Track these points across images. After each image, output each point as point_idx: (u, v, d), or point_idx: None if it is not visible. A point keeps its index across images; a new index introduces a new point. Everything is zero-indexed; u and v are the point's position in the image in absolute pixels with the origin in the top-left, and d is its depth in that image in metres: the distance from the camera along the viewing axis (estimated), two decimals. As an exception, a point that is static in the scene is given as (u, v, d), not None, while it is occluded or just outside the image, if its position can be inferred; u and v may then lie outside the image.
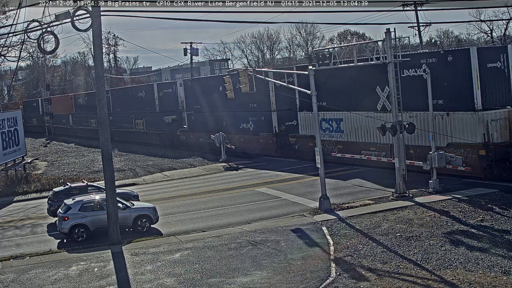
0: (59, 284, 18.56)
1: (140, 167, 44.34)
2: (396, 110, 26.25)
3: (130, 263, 20.12)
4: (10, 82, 67.25)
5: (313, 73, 26.24)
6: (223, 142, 43.35)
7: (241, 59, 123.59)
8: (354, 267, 17.88)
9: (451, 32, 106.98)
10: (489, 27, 74.21)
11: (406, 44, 51.67)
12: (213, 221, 25.66)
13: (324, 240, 21.03)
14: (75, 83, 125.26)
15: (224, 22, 73.09)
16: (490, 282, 15.52)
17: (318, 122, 26.42)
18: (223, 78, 38.02)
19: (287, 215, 25.34)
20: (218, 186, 34.27)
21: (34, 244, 24.51)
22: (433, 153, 26.56)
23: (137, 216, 24.88)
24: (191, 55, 76.32)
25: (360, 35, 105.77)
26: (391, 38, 25.95)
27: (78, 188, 28.58)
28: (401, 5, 54.19)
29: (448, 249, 18.56)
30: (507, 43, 59.29)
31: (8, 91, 70.90)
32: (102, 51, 23.52)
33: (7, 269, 20.53)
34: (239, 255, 19.94)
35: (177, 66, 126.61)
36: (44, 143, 73.01)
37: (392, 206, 24.76)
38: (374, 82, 32.45)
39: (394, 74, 26.17)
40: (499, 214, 21.96)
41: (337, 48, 31.55)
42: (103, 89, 23.38)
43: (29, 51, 49.40)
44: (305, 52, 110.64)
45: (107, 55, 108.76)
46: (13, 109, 51.01)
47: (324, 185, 25.52)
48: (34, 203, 33.73)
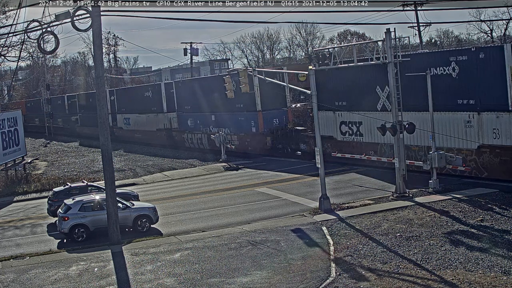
0: (59, 284, 18.56)
1: (140, 167, 44.36)
2: (396, 110, 26.25)
3: (130, 263, 20.12)
4: (10, 82, 67.16)
5: (313, 73, 26.27)
6: (223, 142, 43.36)
7: (241, 59, 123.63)
8: (354, 267, 17.88)
9: (451, 32, 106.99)
10: (489, 27, 74.30)
11: (406, 44, 51.79)
12: (213, 221, 25.66)
13: (324, 240, 21.03)
14: (75, 83, 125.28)
15: (224, 22, 73.16)
16: (490, 282, 15.51)
17: (318, 122, 26.39)
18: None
19: (287, 215, 25.34)
20: (218, 186, 34.28)
21: (34, 244, 24.51)
22: (433, 153, 26.57)
23: (137, 216, 24.89)
24: (191, 55, 76.36)
25: (360, 35, 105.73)
26: (391, 38, 25.96)
27: (78, 188, 28.58)
28: (401, 5, 54.18)
29: (448, 249, 18.56)
30: (507, 43, 59.26)
31: (8, 91, 70.81)
32: (102, 51, 23.52)
33: (7, 269, 20.53)
34: (239, 255, 19.94)
35: (177, 66, 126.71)
36: (44, 143, 73.07)
37: (392, 206, 24.76)
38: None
39: (394, 74, 26.17)
40: (499, 214, 21.96)
41: (337, 48, 31.55)
42: (103, 89, 23.38)
43: (29, 51, 49.38)
44: (305, 52, 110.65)
45: (107, 55, 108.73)
46: (14, 109, 50.94)
47: (324, 185, 25.52)
48: (34, 203, 33.74)
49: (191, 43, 75.89)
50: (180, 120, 54.29)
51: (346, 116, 35.43)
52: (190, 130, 52.15)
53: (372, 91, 32.83)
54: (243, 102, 43.60)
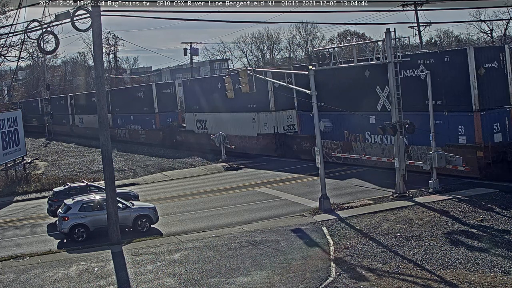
0: (59, 284, 18.56)
1: (140, 167, 44.36)
2: (396, 110, 26.25)
3: (130, 263, 20.12)
4: (10, 82, 67.24)
5: (313, 73, 26.26)
6: (223, 142, 43.37)
7: (241, 59, 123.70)
8: (354, 267, 17.88)
9: (451, 32, 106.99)
10: (489, 27, 74.20)
11: (406, 44, 51.76)
12: (213, 221, 25.66)
13: (324, 240, 21.03)
14: (75, 83, 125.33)
15: (224, 22, 72.86)
16: (490, 282, 15.52)
17: (318, 122, 26.39)
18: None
19: (287, 215, 25.34)
20: (218, 186, 34.28)
21: (34, 244, 24.51)
22: (433, 153, 26.57)
23: (137, 216, 24.89)
24: (191, 55, 76.35)
25: (360, 35, 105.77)
26: (391, 38, 25.95)
27: (78, 188, 28.58)
28: (401, 5, 54.16)
29: (448, 249, 18.56)
30: (507, 43, 59.30)
31: (8, 91, 70.86)
32: (102, 51, 23.52)
33: (7, 269, 20.53)
34: (239, 255, 19.94)
35: (177, 66, 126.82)
36: (44, 143, 73.08)
37: (392, 206, 24.76)
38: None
39: (394, 74, 26.18)
40: (499, 214, 21.95)
41: (337, 48, 31.53)
42: (103, 89, 23.38)
43: (29, 51, 49.37)
44: (305, 52, 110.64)
45: (107, 55, 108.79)
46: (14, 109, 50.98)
47: (324, 185, 25.52)
48: (34, 203, 33.73)
49: (191, 43, 75.90)
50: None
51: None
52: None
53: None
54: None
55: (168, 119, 53.78)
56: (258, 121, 43.43)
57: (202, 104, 49.48)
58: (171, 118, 54.08)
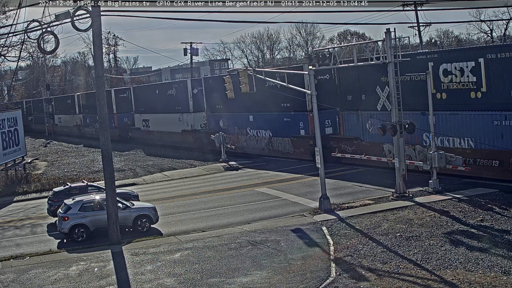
0: (59, 284, 18.56)
1: (140, 167, 44.37)
2: (396, 110, 26.25)
3: (130, 263, 20.12)
4: (10, 82, 67.25)
5: (313, 73, 26.27)
6: (223, 142, 43.39)
7: (241, 59, 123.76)
8: (354, 267, 17.88)
9: (451, 32, 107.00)
10: (489, 27, 74.34)
11: (406, 44, 51.75)
12: (213, 221, 25.67)
13: (324, 240, 21.03)
14: (75, 83, 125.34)
15: (224, 22, 73.15)
16: (490, 282, 15.52)
17: (318, 122, 26.37)
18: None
19: (287, 215, 25.34)
20: (218, 186, 34.28)
21: (34, 244, 24.51)
22: (433, 153, 26.57)
23: (137, 216, 24.88)
24: (191, 55, 76.39)
25: (360, 35, 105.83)
26: (391, 38, 25.95)
27: (78, 188, 28.57)
28: (401, 5, 54.24)
29: (448, 249, 18.56)
30: (506, 42, 59.26)
31: (8, 91, 70.86)
32: (102, 51, 23.52)
33: (7, 269, 20.54)
34: (239, 255, 19.95)
35: (177, 66, 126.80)
36: (44, 143, 73.07)
37: (392, 206, 24.76)
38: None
39: (394, 74, 26.17)
40: (499, 214, 21.96)
41: (337, 48, 31.53)
42: (103, 89, 23.37)
43: (29, 51, 49.34)
44: (305, 52, 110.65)
45: (107, 55, 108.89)
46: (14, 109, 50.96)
47: (324, 185, 25.52)
48: (34, 203, 33.74)
49: (191, 43, 75.96)
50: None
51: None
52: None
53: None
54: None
55: (124, 119, 66.04)
56: (183, 120, 53.51)
57: (145, 106, 61.31)
58: (127, 118, 65.87)
